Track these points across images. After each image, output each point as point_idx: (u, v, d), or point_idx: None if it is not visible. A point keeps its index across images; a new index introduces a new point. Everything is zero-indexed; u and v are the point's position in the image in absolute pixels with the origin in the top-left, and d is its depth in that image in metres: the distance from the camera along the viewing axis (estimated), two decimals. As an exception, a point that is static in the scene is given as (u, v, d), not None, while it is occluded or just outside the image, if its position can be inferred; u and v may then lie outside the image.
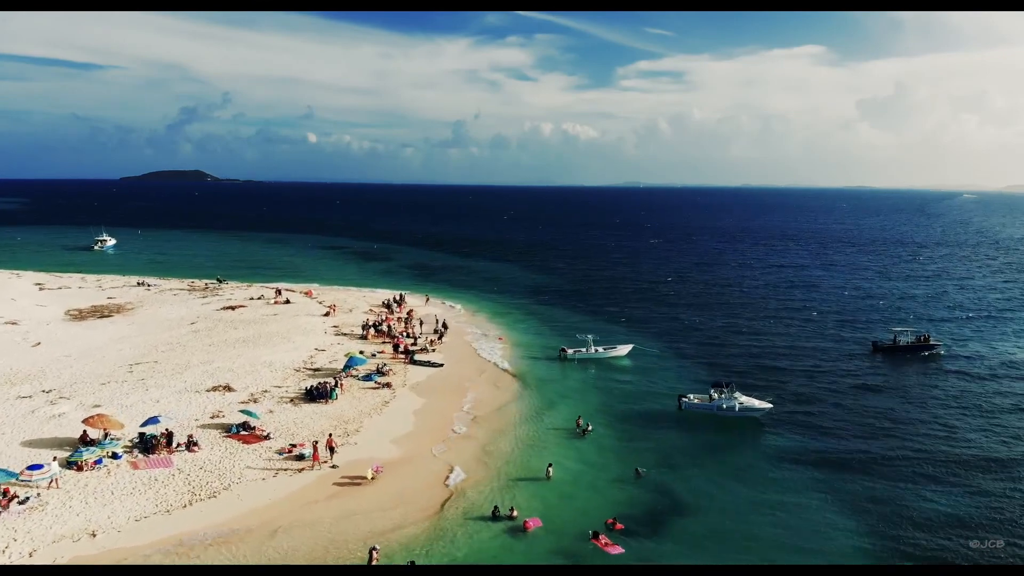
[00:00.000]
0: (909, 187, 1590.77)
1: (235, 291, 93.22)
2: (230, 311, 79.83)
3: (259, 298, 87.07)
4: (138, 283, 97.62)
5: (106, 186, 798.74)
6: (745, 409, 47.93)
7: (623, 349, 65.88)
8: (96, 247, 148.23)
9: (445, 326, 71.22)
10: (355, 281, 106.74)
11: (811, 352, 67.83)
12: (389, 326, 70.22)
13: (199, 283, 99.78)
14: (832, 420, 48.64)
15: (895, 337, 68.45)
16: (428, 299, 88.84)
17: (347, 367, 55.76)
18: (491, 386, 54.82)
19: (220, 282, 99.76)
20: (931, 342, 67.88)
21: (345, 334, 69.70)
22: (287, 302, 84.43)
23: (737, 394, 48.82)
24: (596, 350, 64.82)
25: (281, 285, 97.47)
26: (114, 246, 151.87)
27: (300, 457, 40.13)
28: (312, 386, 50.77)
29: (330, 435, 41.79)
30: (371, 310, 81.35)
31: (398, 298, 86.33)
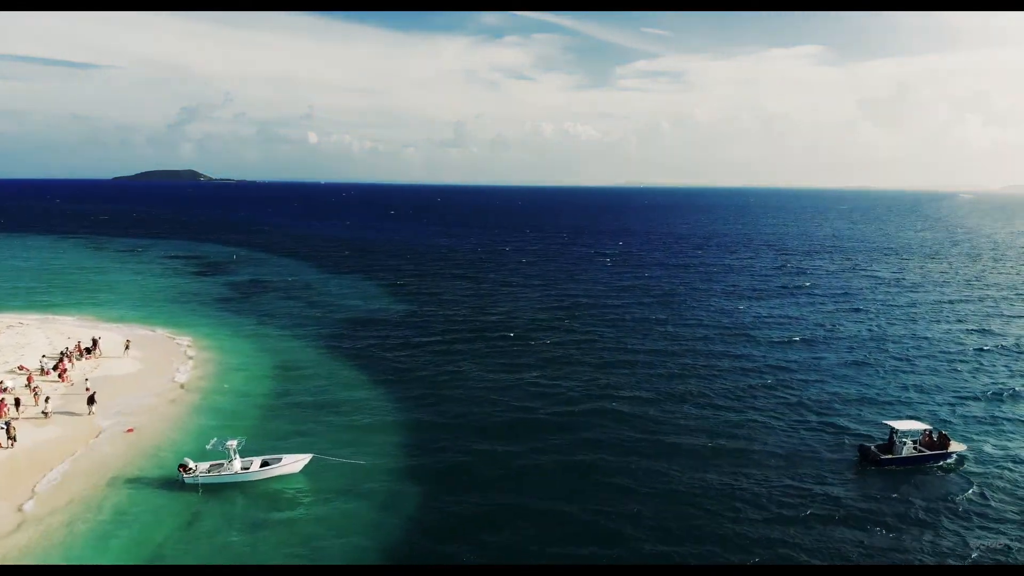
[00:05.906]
0: (911, 188, 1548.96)
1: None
2: None
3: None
4: None
5: (93, 186, 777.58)
6: None
7: (293, 464, 38.46)
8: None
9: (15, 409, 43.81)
10: (111, 307, 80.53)
11: (708, 479, 39.39)
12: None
13: None
14: None
15: (891, 436, 41.21)
16: (129, 344, 60.55)
17: None
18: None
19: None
20: (950, 448, 41.17)
21: None
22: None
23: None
24: (248, 466, 37.67)
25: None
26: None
27: None
28: None
29: None
30: (21, 367, 54.36)
31: (91, 343, 59.34)
